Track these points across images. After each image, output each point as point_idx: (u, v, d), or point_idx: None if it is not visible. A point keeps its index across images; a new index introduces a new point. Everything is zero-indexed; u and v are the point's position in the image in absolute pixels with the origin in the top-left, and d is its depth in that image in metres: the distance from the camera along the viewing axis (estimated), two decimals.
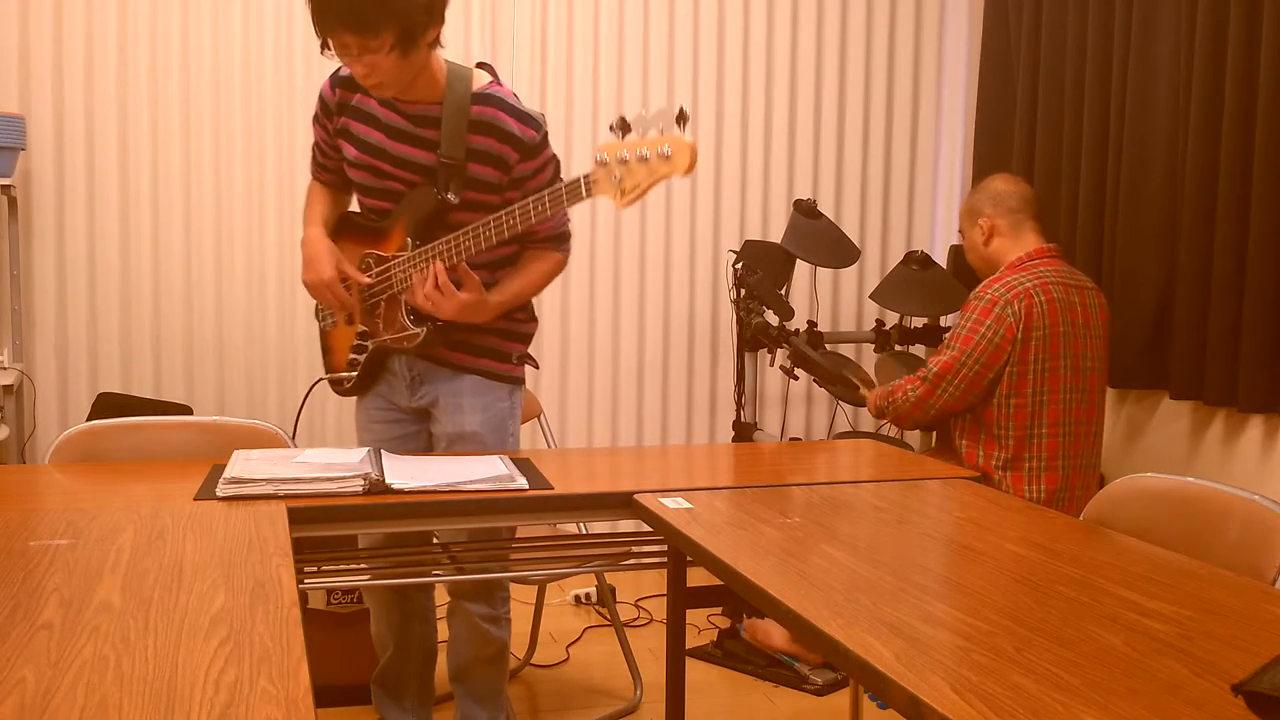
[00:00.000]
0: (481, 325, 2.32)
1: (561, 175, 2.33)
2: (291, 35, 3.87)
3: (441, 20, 2.14)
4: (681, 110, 1.88)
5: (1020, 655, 1.19)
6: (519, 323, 2.39)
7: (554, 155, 2.30)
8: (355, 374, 2.40)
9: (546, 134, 2.27)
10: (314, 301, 2.57)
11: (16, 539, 1.56)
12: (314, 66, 3.88)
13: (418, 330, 2.27)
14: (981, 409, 2.73)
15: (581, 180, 2.01)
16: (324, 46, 2.09)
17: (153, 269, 3.83)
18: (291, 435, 2.43)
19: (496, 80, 2.29)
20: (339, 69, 2.30)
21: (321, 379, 2.52)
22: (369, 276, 2.32)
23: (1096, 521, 1.87)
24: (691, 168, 1.89)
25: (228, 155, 3.85)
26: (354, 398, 2.48)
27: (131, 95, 3.76)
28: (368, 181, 2.31)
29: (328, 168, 2.43)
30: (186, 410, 3.75)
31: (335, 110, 2.32)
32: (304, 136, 3.89)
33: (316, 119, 2.38)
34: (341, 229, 2.41)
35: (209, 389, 3.90)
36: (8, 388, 3.47)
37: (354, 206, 2.47)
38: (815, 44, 4.32)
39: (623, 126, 1.95)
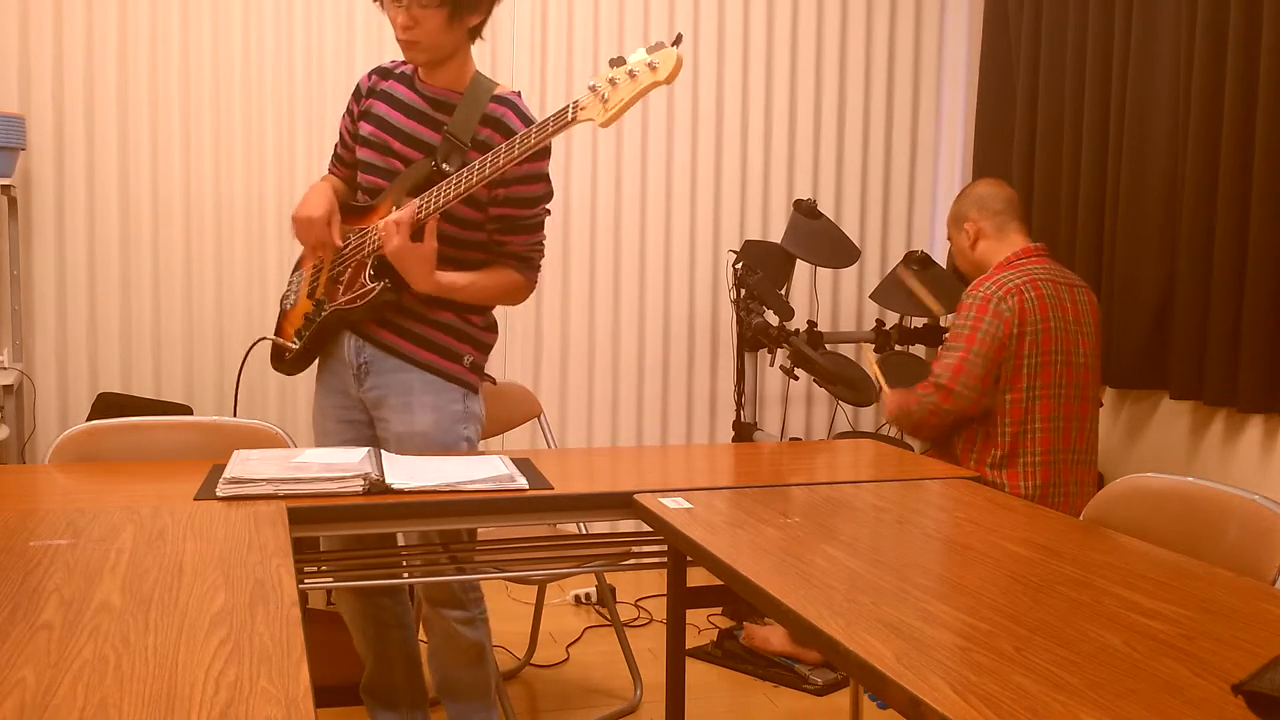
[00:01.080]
0: (430, 315, 2.30)
1: (549, 208, 2.37)
2: (291, 35, 3.87)
3: (488, 11, 2.25)
4: (678, 35, 1.97)
5: (1020, 655, 1.19)
6: (473, 326, 2.36)
7: (547, 175, 2.32)
8: (297, 345, 2.38)
9: (548, 149, 2.28)
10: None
11: (16, 539, 1.56)
12: (314, 67, 3.88)
13: (373, 285, 2.26)
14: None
15: (570, 106, 2.06)
16: None
17: (153, 269, 3.83)
18: (233, 407, 2.41)
19: (519, 96, 2.33)
20: (381, 63, 2.41)
21: (262, 339, 2.49)
22: (344, 244, 2.35)
23: (1096, 521, 1.87)
24: (674, 75, 1.94)
25: (227, 155, 3.85)
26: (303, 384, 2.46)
27: (131, 95, 3.76)
28: (374, 160, 2.34)
29: (344, 160, 2.46)
30: (186, 410, 3.75)
31: (365, 94, 2.39)
32: (304, 136, 3.89)
33: (346, 109, 2.44)
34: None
35: (209, 389, 3.90)
36: (8, 388, 3.47)
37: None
38: (815, 44, 4.32)
39: (619, 61, 2.02)
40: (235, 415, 2.27)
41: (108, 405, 3.60)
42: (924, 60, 4.44)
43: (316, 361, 2.45)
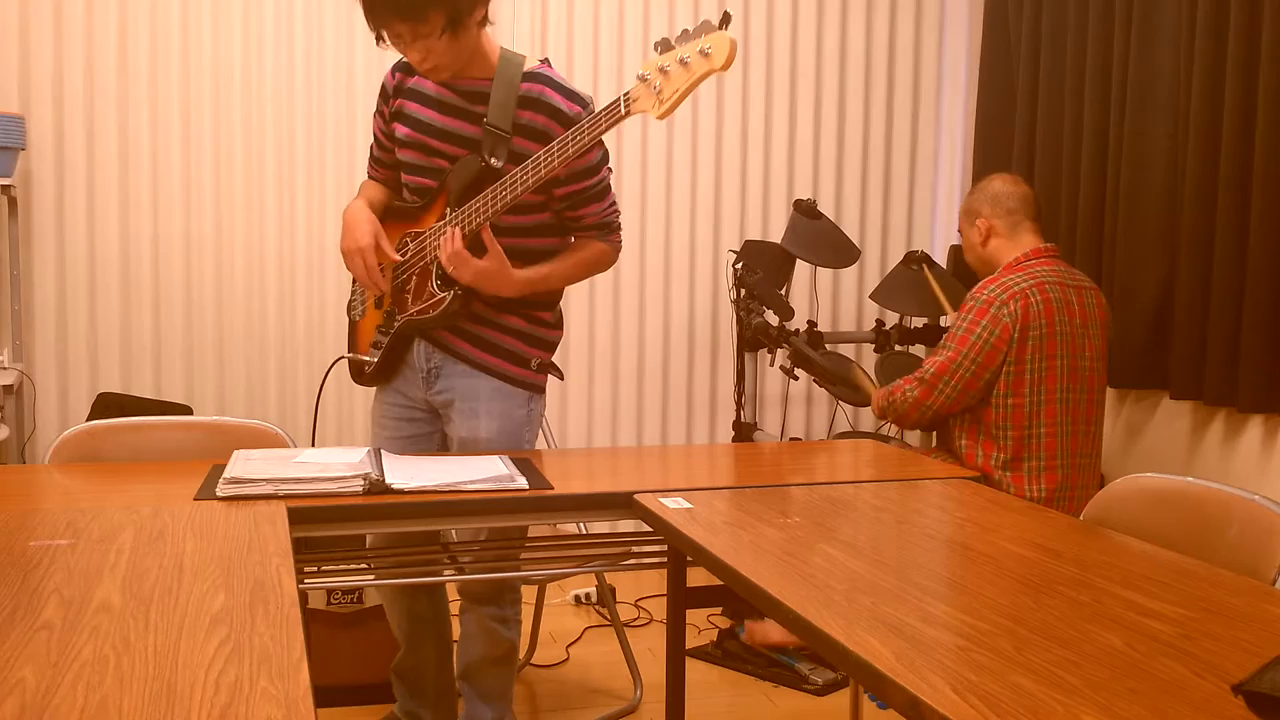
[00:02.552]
0: (501, 322, 2.30)
1: (610, 165, 2.33)
2: (291, 35, 3.87)
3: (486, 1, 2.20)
4: (726, 13, 1.90)
5: (1020, 655, 1.19)
6: (540, 326, 2.36)
7: (599, 140, 2.29)
8: (376, 359, 2.36)
9: (595, 113, 2.28)
10: (335, 305, 2.56)
11: (16, 539, 1.56)
12: (314, 67, 3.88)
13: (443, 295, 2.25)
14: (980, 409, 2.73)
15: (621, 99, 2.01)
16: (379, 39, 2.15)
17: (153, 269, 3.83)
18: (312, 427, 2.41)
19: (548, 64, 2.31)
20: (401, 58, 2.35)
21: (342, 357, 2.50)
22: (402, 255, 2.33)
23: (1097, 521, 1.87)
24: (730, 61, 1.87)
25: (227, 155, 3.85)
26: (373, 392, 2.47)
27: (131, 95, 3.76)
28: (417, 160, 2.32)
29: (384, 162, 2.44)
30: (186, 410, 3.75)
31: (393, 94, 2.36)
32: (304, 136, 3.89)
33: (376, 110, 2.41)
34: (385, 217, 2.40)
35: (209, 389, 3.90)
36: (8, 388, 3.47)
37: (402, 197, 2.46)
38: (815, 44, 4.32)
39: (664, 44, 1.97)
40: (314, 442, 2.27)
41: (108, 405, 3.60)
42: (924, 60, 4.44)
43: None
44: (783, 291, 3.75)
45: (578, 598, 3.77)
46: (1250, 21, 2.99)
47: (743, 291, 3.57)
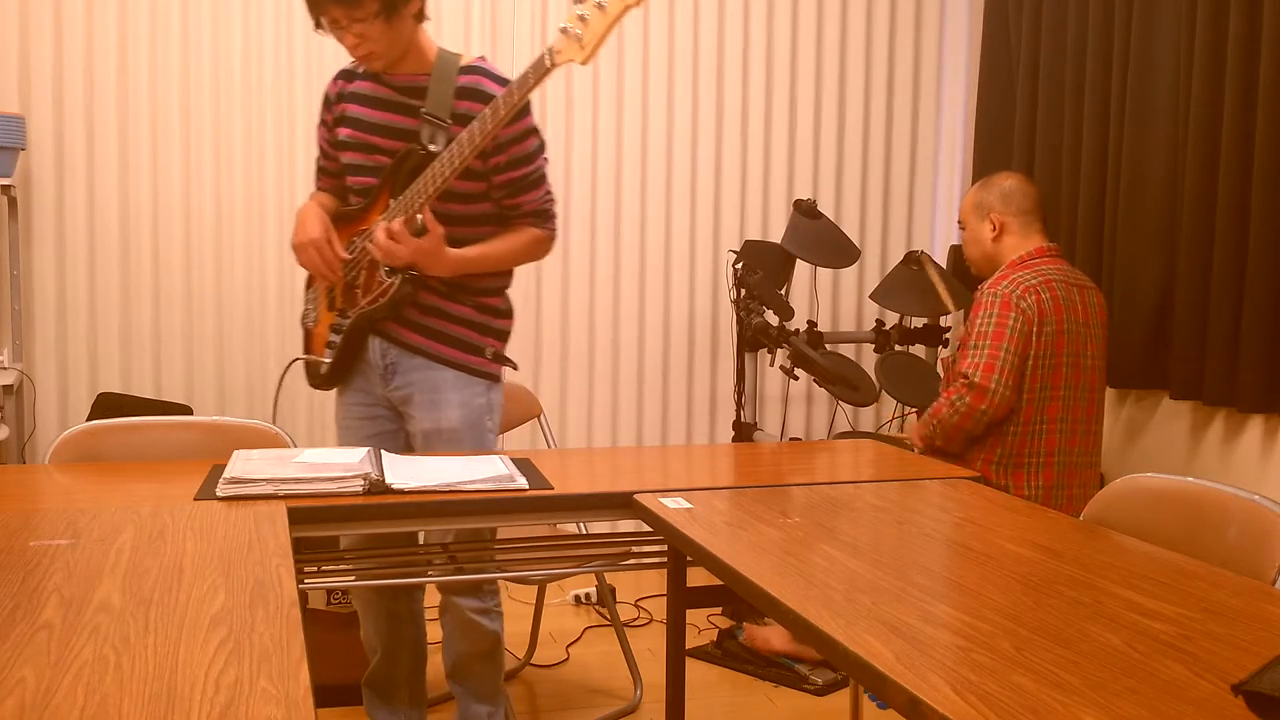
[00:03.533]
0: (450, 311, 2.33)
1: (546, 156, 2.37)
2: (291, 35, 3.87)
3: None
4: None
5: (1020, 655, 1.19)
6: (492, 315, 2.39)
7: (536, 127, 2.33)
8: (330, 359, 2.39)
9: (529, 103, 2.29)
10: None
11: (16, 539, 1.56)
12: (314, 67, 3.88)
13: (391, 280, 2.28)
14: None
15: (545, 53, 2.07)
16: (317, 24, 2.22)
17: (152, 269, 3.83)
18: (271, 419, 2.42)
19: (485, 60, 2.35)
20: (343, 66, 2.42)
21: (296, 359, 2.51)
22: (350, 253, 2.35)
23: (1096, 521, 1.87)
24: None
25: (227, 155, 3.85)
26: (334, 394, 2.48)
27: (131, 95, 3.76)
28: (359, 160, 2.35)
29: (328, 171, 2.47)
30: (186, 410, 3.75)
31: (335, 100, 2.40)
32: (303, 136, 3.89)
33: (320, 120, 2.44)
34: (333, 222, 2.41)
35: (209, 389, 3.90)
36: (8, 388, 3.47)
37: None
38: (815, 44, 4.32)
39: None
40: (293, 444, 2.29)
41: (108, 405, 3.60)
42: (924, 60, 4.44)
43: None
44: (783, 291, 3.75)
45: (578, 598, 3.77)
46: (1250, 22, 2.99)
47: (743, 291, 3.57)
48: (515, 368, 2.50)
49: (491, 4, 4.03)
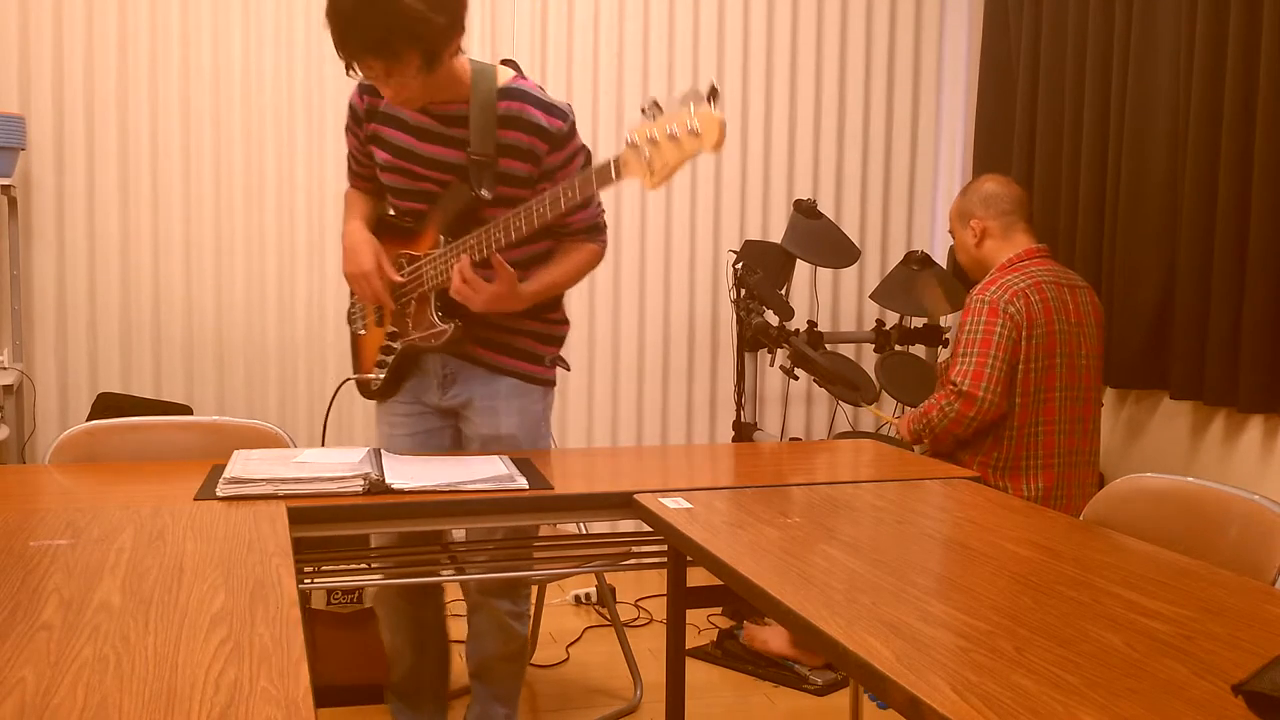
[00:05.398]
0: (516, 325, 2.31)
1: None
2: (291, 36, 3.87)
3: (463, 30, 2.13)
4: (713, 87, 1.87)
5: (1020, 655, 1.19)
6: (552, 324, 2.39)
7: (583, 145, 2.29)
8: (383, 375, 2.37)
9: (574, 124, 2.27)
10: (335, 305, 2.56)
11: (16, 539, 1.56)
12: (314, 67, 3.88)
13: (444, 327, 2.25)
14: None
15: (610, 163, 1.99)
16: (349, 68, 2.09)
17: (153, 269, 3.83)
18: (321, 438, 2.41)
19: (520, 74, 2.29)
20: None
21: (348, 379, 2.50)
22: (401, 275, 2.32)
23: (1096, 521, 1.87)
24: (720, 143, 1.85)
25: (227, 155, 3.85)
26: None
27: (131, 95, 3.76)
28: (401, 184, 2.30)
29: (363, 175, 2.41)
30: (186, 410, 3.75)
31: (365, 117, 2.31)
32: (304, 136, 3.89)
33: (348, 128, 2.37)
34: (376, 231, 2.39)
35: (209, 389, 3.90)
36: (8, 388, 3.47)
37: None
38: (815, 44, 4.32)
39: (654, 108, 1.94)
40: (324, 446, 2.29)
41: (108, 405, 3.60)
42: (924, 60, 4.44)
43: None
44: (783, 291, 3.75)
45: (578, 598, 3.77)
46: (1250, 21, 2.99)
47: (743, 291, 3.57)
48: (568, 368, 2.50)
49: (492, 4, 4.03)
